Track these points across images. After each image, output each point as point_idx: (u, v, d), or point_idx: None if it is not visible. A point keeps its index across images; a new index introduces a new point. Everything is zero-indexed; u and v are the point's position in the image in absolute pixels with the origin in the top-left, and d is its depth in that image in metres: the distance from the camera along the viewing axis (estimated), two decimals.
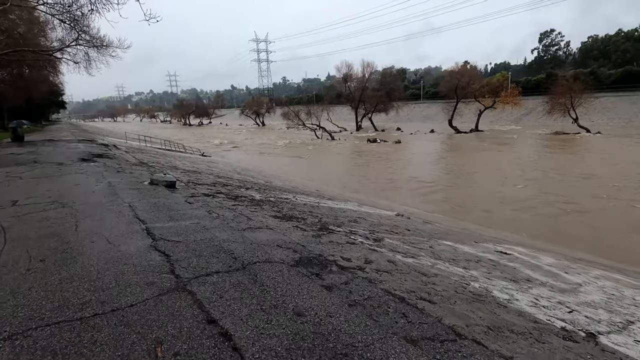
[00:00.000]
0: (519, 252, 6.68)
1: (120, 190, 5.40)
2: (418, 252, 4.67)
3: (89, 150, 11.88)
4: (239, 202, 5.96)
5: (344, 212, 7.27)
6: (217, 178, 9.71)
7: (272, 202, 6.72)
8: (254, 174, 16.13)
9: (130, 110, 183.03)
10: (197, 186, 7.09)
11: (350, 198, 12.77)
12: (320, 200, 9.16)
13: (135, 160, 11.11)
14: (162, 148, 25.22)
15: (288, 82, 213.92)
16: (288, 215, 5.46)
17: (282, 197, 7.98)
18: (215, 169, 14.28)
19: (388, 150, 34.23)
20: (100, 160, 9.53)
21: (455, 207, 13.87)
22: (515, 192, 15.77)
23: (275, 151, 37.05)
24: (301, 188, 13.27)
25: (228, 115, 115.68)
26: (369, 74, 59.67)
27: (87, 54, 18.60)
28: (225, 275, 2.56)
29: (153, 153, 16.97)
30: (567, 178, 18.03)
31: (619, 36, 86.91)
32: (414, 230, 6.76)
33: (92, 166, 8.20)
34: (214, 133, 66.56)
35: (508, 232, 10.65)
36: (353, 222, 6.20)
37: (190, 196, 5.79)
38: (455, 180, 19.02)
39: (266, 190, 8.90)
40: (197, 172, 10.85)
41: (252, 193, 7.59)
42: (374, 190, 17.93)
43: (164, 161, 13.06)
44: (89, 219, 3.89)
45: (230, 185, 8.34)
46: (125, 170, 7.98)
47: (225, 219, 4.41)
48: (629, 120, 47.36)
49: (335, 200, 10.13)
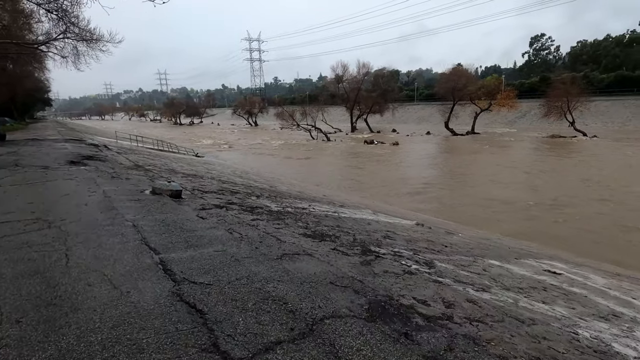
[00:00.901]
0: (562, 269, 6.02)
1: (118, 203, 4.51)
2: (481, 280, 3.92)
3: (78, 151, 10.86)
4: (257, 216, 5.13)
5: (370, 225, 6.49)
6: (221, 184, 8.83)
7: (291, 214, 5.90)
8: (255, 177, 15.26)
9: (119, 108, 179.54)
10: (205, 195, 6.23)
11: (361, 204, 12.00)
12: (336, 208, 8.37)
13: (130, 162, 10.15)
14: (154, 148, 24.11)
15: (280, 82, 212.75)
16: (318, 233, 4.65)
17: (298, 206, 7.16)
18: (215, 172, 13.36)
19: (386, 152, 33.61)
20: (91, 163, 8.56)
21: (470, 215, 13.22)
22: (524, 197, 15.22)
23: (271, 152, 36.15)
24: (308, 193, 12.46)
25: (219, 114, 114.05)
26: (364, 75, 59.09)
27: (75, 48, 17.48)
28: (292, 348, 1.75)
29: (147, 154, 15.96)
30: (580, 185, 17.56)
31: (608, 41, 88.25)
32: (450, 246, 6.02)
33: (82, 170, 7.25)
34: (206, 133, 65.24)
35: (527, 241, 10.03)
36: (387, 238, 5.42)
37: (202, 208, 4.94)
38: (462, 185, 18.41)
39: (277, 198, 8.07)
40: (199, 176, 9.94)
41: (265, 202, 6.75)
42: (378, 194, 17.21)
43: (160, 164, 12.10)
44: (82, 246, 3.02)
45: (238, 193, 7.49)
46: (121, 175, 7.06)
47: (252, 242, 3.58)
48: (622, 124, 47.75)
49: (349, 208, 9.35)
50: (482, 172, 21.70)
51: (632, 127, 46.43)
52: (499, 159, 27.42)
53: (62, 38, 17.18)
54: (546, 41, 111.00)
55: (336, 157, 31.49)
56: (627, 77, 58.03)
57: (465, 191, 16.95)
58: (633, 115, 49.04)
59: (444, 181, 19.46)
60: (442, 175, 21.18)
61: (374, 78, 64.07)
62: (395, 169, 24.18)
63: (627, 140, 35.17)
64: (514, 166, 23.54)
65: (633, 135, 38.37)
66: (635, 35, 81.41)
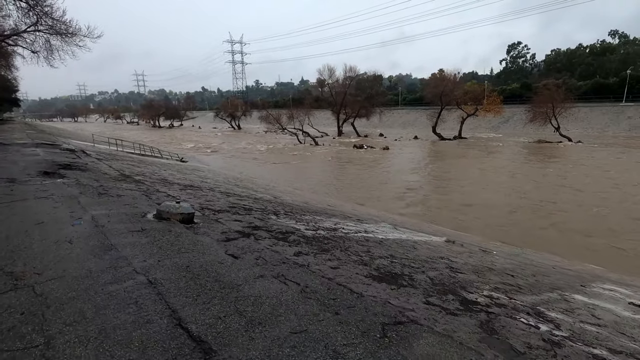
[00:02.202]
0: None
1: (117, 237, 3.27)
2: (619, 341, 2.92)
3: (52, 159, 9.32)
4: (296, 247, 3.99)
5: (416, 250, 5.44)
6: (226, 197, 7.60)
7: (330, 240, 4.77)
8: (251, 185, 13.99)
9: (93, 110, 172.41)
10: (218, 216, 5.02)
11: (373, 215, 10.97)
12: (362, 225, 7.29)
13: (115, 172, 8.73)
14: (136, 153, 22.36)
15: (261, 85, 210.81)
16: (386, 273, 3.55)
17: (326, 226, 6.04)
18: (210, 181, 12.03)
19: (378, 157, 32.86)
20: (70, 173, 7.13)
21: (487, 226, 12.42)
22: (528, 205, 14.61)
23: (259, 157, 34.76)
24: (315, 204, 11.33)
25: (200, 117, 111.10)
26: (351, 79, 58.52)
27: (48, 42, 15.72)
28: None
29: (130, 160, 14.41)
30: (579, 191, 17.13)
31: (581, 50, 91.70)
32: (515, 275, 5.04)
33: (59, 185, 5.86)
34: (188, 136, 62.92)
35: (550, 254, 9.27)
36: (451, 270, 4.38)
37: (226, 239, 3.76)
38: (466, 193, 17.66)
39: (295, 214, 6.91)
40: (195, 187, 8.65)
41: (289, 223, 5.60)
42: (378, 201, 16.27)
43: (149, 172, 10.69)
44: (75, 339, 1.79)
45: (252, 210, 6.29)
46: (109, 190, 5.73)
47: (324, 301, 2.45)
48: (602, 130, 49.01)
49: (370, 223, 8.30)
50: (482, 179, 21.13)
51: (611, 133, 47.71)
52: (494, 164, 27.11)
53: (33, 31, 15.43)
54: (522, 49, 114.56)
55: (327, 162, 30.45)
56: (603, 85, 59.97)
57: (471, 198, 16.21)
58: (611, 122, 50.49)
59: (446, 188, 18.71)
60: (442, 182, 20.47)
61: (356, 83, 63.64)
62: (390, 174, 23.34)
63: (616, 145, 35.80)
64: (512, 172, 23.17)
65: (615, 141, 39.24)
66: (607, 45, 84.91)
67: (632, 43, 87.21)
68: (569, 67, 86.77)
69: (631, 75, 55.38)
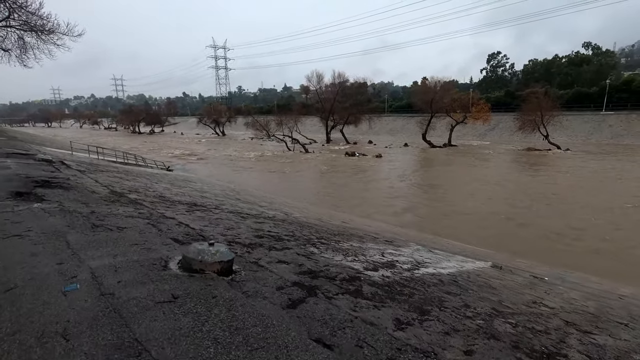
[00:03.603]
0: None
1: (139, 319, 2.05)
2: None
3: (26, 173, 7.83)
4: (383, 306, 2.86)
5: (496, 291, 4.40)
6: (242, 220, 6.39)
7: (405, 287, 3.66)
8: (253, 198, 12.73)
9: (68, 115, 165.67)
10: (254, 254, 3.84)
11: (397, 234, 9.93)
12: (399, 250, 6.22)
13: (104, 188, 7.35)
14: (119, 161, 20.65)
15: (244, 92, 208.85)
16: (529, 349, 2.47)
17: (378, 259, 4.93)
18: (209, 195, 10.72)
19: (372, 165, 32.04)
20: (50, 193, 5.76)
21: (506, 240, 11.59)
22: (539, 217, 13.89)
23: (249, 165, 33.35)
24: (329, 220, 10.20)
25: (182, 123, 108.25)
26: (339, 85, 57.90)
27: (22, 39, 14.08)
28: None
29: (115, 171, 12.91)
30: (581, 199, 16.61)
31: (559, 61, 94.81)
32: (619, 319, 4.05)
33: (37, 212, 4.52)
34: (171, 142, 60.66)
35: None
36: (578, 331, 3.34)
37: (290, 303, 2.60)
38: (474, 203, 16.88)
39: (330, 241, 5.77)
40: (201, 206, 7.38)
41: (341, 260, 4.47)
42: (385, 214, 15.29)
43: (141, 186, 9.31)
44: None
45: (284, 239, 5.13)
46: (105, 219, 4.43)
47: None
48: (586, 138, 50.04)
49: (403, 246, 7.24)
50: (484, 188, 20.51)
51: (594, 140, 48.76)
52: (490, 172, 26.70)
53: (4, 26, 13.77)
54: (502, 59, 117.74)
55: (321, 171, 29.35)
56: (584, 94, 61.62)
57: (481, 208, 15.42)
58: (594, 130, 51.67)
59: (452, 199, 17.91)
60: (445, 193, 19.69)
61: (342, 89, 63.01)
62: (389, 184, 22.46)
63: (603, 153, 36.25)
64: (512, 182, 22.70)
65: (602, 149, 39.89)
66: (584, 56, 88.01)
67: (605, 54, 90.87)
68: (546, 77, 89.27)
69: (610, 85, 57.07)
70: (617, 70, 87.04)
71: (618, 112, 52.88)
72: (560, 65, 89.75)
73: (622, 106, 53.38)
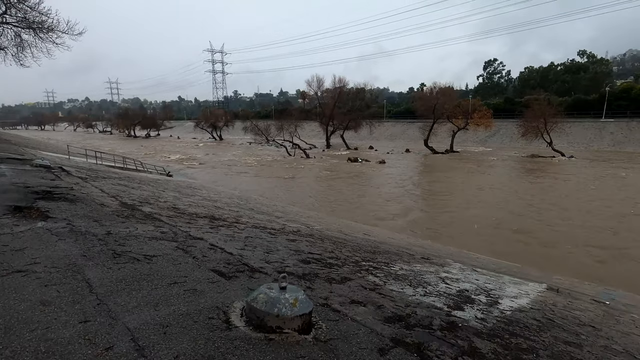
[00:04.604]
0: None
1: None
2: None
3: (24, 181, 6.98)
4: None
5: (589, 336, 3.68)
6: (272, 237, 5.62)
7: (515, 336, 2.91)
8: (266, 208, 11.94)
9: (62, 118, 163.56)
10: (317, 288, 3.07)
11: (430, 248, 9.19)
12: (461, 274, 5.48)
13: (112, 200, 6.53)
14: (118, 166, 19.76)
15: (240, 96, 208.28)
16: None
17: (457, 291, 4.18)
18: (221, 204, 9.92)
19: (377, 171, 31.38)
20: (54, 207, 4.94)
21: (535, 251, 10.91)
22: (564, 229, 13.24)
23: (250, 171, 32.52)
24: (351, 232, 9.44)
25: (178, 127, 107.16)
26: (340, 90, 57.43)
27: (19, 36, 13.23)
28: None
29: (117, 178, 12.05)
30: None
31: (555, 68, 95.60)
32: None
33: (43, 233, 3.72)
34: (168, 147, 59.63)
35: None
36: None
37: None
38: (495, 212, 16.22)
39: (380, 264, 5.02)
40: (220, 219, 6.59)
41: (412, 294, 3.71)
42: (403, 224, 14.57)
43: (150, 195, 8.49)
44: None
45: (333, 264, 4.37)
46: (126, 243, 3.64)
47: None
48: (587, 145, 49.90)
49: (436, 264, 6.50)
50: (495, 196, 19.89)
51: (595, 147, 48.63)
52: (498, 180, 26.15)
53: (0, 23, 12.93)
54: (498, 65, 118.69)
55: (326, 177, 28.60)
56: (583, 101, 61.76)
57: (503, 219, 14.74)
58: (594, 137, 51.61)
59: (468, 208, 17.23)
60: (461, 200, 19.02)
61: (341, 94, 62.57)
62: (401, 192, 21.77)
63: (608, 160, 35.94)
64: (523, 191, 22.11)
65: (605, 156, 39.65)
66: (581, 64, 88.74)
67: (599, 62, 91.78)
68: (542, 84, 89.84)
69: (609, 92, 57.25)
70: (611, 78, 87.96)
71: (618, 119, 52.94)
72: (557, 73, 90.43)
73: (621, 113, 53.48)
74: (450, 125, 48.61)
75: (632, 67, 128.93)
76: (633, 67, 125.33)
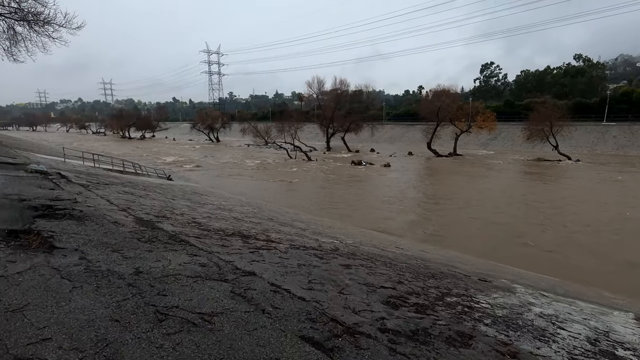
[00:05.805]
0: None
1: None
2: None
3: (18, 192, 5.93)
4: None
5: None
6: (321, 260, 4.65)
7: None
8: (282, 217, 10.95)
9: (55, 119, 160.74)
10: None
11: (474, 265, 8.27)
12: (531, 307, 4.55)
13: (123, 213, 5.50)
14: (115, 169, 18.61)
15: (235, 97, 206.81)
16: None
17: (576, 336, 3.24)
18: (238, 214, 8.92)
19: (384, 175, 30.48)
20: (58, 229, 3.92)
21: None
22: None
23: (251, 174, 31.45)
24: (385, 247, 8.49)
25: (173, 128, 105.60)
26: (340, 92, 56.61)
27: (12, 29, 12.13)
28: None
29: (119, 183, 10.98)
30: None
31: (549, 71, 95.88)
32: None
33: (48, 275, 2.72)
34: (164, 148, 58.26)
35: None
36: None
37: None
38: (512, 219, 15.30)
39: (470, 301, 4.07)
40: (253, 238, 5.60)
41: (538, 349, 2.75)
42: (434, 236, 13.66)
43: (163, 206, 7.46)
44: None
45: (425, 305, 3.41)
46: (165, 288, 2.65)
47: None
48: (590, 149, 49.57)
49: (501, 288, 5.59)
50: (510, 202, 19.08)
51: (599, 151, 48.32)
52: (506, 183, 25.41)
53: None
54: (495, 69, 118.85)
55: (334, 181, 27.62)
56: (584, 104, 61.59)
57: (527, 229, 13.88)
58: (597, 140, 51.34)
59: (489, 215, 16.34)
60: (476, 206, 18.14)
61: (336, 97, 61.76)
62: (417, 198, 20.89)
63: (614, 164, 35.46)
64: (541, 197, 21.31)
65: (612, 160, 39.24)
66: (579, 68, 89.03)
67: (595, 66, 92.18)
68: (538, 87, 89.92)
69: (611, 96, 57.13)
70: (605, 82, 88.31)
71: (619, 123, 52.77)
72: (555, 76, 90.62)
73: (623, 117, 53.32)
74: (452, 128, 48.01)
75: (624, 71, 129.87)
76: (625, 72, 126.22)
